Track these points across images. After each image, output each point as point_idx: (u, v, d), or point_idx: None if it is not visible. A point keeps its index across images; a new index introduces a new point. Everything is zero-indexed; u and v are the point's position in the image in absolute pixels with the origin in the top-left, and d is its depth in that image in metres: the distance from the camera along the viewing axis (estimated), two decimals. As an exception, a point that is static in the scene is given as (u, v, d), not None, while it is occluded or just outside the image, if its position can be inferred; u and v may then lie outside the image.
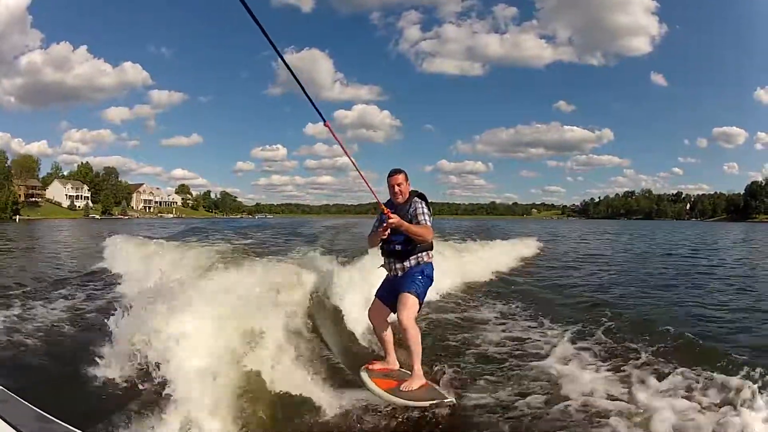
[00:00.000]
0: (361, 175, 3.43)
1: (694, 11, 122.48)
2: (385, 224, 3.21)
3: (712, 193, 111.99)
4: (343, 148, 3.30)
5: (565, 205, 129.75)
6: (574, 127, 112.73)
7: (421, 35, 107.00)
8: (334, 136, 3.13)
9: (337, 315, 4.40)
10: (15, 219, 59.32)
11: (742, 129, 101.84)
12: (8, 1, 79.47)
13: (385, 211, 3.24)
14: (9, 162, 73.02)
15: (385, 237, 3.28)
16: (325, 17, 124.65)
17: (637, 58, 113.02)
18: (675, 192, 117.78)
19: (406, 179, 3.40)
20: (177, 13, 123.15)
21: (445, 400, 3.02)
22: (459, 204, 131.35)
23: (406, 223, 3.20)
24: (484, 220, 60.03)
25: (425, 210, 3.30)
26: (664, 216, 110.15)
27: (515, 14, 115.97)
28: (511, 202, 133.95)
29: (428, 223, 3.27)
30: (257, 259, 5.91)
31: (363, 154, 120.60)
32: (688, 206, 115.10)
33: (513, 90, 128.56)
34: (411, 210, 3.30)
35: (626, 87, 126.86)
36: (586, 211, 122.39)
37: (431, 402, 2.99)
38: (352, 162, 3.39)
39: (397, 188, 3.34)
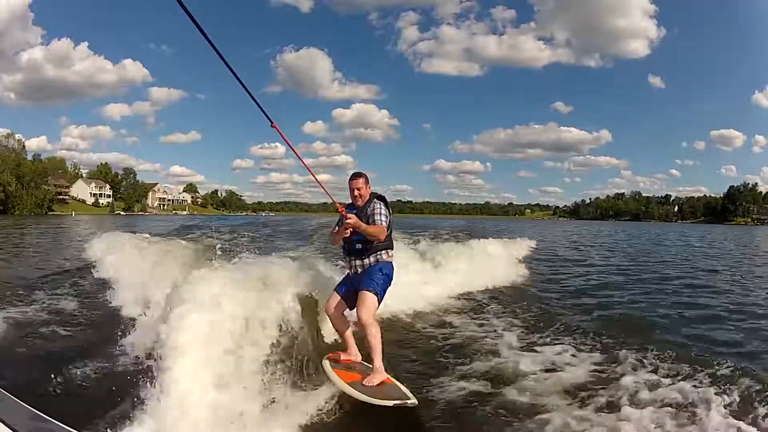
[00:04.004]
0: (311, 173, 3.52)
1: (693, 15, 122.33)
2: (344, 224, 3.32)
3: (699, 196, 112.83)
4: (292, 149, 3.51)
5: (557, 206, 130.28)
6: (572, 128, 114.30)
7: (419, 36, 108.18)
8: (282, 137, 3.17)
9: (305, 310, 4.33)
10: (71, 213, 66.00)
11: (739, 132, 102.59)
12: (10, -2, 78.63)
13: (341, 211, 3.40)
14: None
15: (346, 236, 3.38)
16: (323, 17, 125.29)
17: (635, 60, 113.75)
18: (664, 194, 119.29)
19: (367, 183, 3.50)
20: (178, 11, 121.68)
21: (408, 402, 2.96)
22: (454, 204, 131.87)
23: (362, 224, 3.30)
24: (476, 220, 58.61)
25: (382, 211, 3.41)
26: (651, 217, 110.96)
27: (513, 16, 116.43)
28: (507, 203, 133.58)
29: (383, 223, 3.36)
30: (243, 257, 6.00)
31: (361, 152, 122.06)
32: (676, 208, 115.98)
33: (511, 91, 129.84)
34: (369, 210, 3.41)
35: (624, 89, 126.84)
36: (577, 212, 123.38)
37: (394, 402, 2.95)
38: (301, 160, 3.52)
39: (356, 192, 3.45)
